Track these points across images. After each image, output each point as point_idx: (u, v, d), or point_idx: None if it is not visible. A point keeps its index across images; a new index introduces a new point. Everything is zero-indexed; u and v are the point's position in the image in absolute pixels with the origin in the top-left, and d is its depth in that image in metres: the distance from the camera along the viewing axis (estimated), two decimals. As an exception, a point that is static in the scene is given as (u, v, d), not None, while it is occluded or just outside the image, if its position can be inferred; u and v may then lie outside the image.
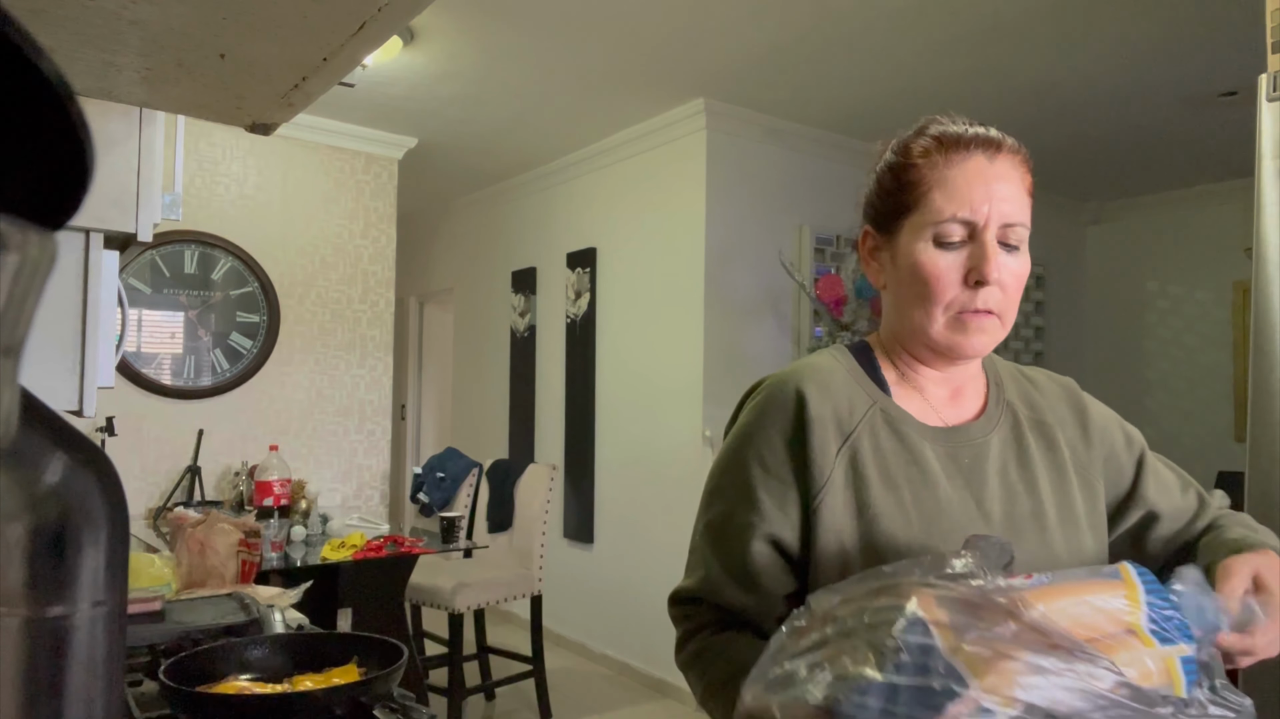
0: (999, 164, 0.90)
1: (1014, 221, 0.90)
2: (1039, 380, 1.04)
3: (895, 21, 3.04)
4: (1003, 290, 0.90)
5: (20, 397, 0.39)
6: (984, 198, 0.89)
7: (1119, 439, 1.01)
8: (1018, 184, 0.91)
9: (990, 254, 0.88)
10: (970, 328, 0.91)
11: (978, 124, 0.93)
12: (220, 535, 2.04)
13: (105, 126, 1.20)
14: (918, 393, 0.98)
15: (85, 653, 0.45)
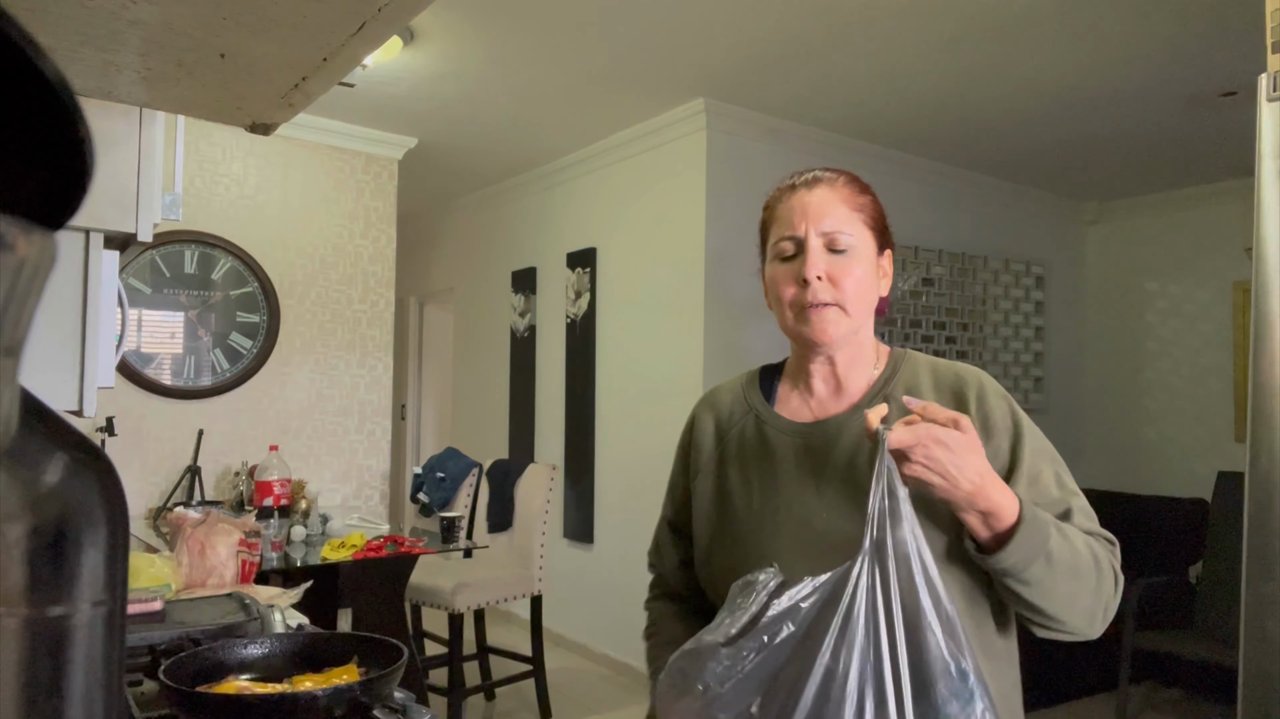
0: (816, 192, 1.12)
1: (832, 230, 1.09)
2: (940, 376, 1.13)
3: (895, 21, 3.04)
4: (833, 284, 1.08)
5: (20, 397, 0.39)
6: (801, 218, 1.11)
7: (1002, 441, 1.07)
8: (836, 203, 1.11)
9: (810, 257, 1.08)
10: (811, 318, 1.08)
11: (814, 170, 1.16)
12: (220, 535, 2.04)
13: (105, 126, 1.20)
14: (804, 393, 1.17)
15: (85, 653, 0.45)
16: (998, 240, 5.13)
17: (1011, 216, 5.22)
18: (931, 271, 4.77)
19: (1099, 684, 4.07)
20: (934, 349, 4.79)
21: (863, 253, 1.10)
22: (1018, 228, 5.25)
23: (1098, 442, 5.52)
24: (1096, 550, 1.03)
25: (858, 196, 1.13)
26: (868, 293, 1.11)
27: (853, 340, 1.13)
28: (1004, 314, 5.14)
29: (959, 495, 0.94)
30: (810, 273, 1.07)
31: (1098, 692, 4.08)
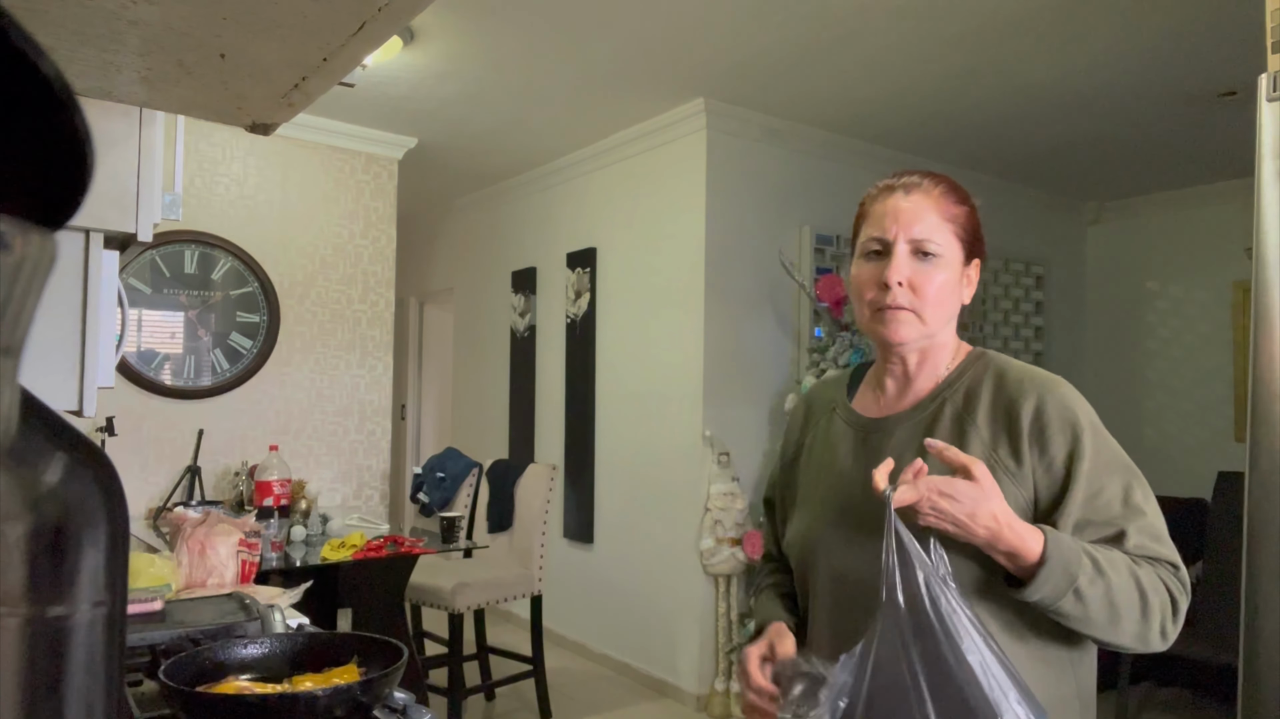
0: (912, 197, 1.13)
1: (921, 237, 1.11)
2: (1004, 384, 1.12)
3: (895, 21, 3.04)
4: (914, 290, 1.11)
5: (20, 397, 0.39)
6: (893, 222, 1.12)
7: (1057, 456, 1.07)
8: (929, 210, 1.12)
9: (894, 262, 1.11)
10: (886, 319, 1.12)
11: (916, 174, 1.16)
12: (220, 535, 2.04)
13: (105, 126, 1.20)
14: (877, 390, 1.22)
15: (85, 653, 0.45)
16: (997, 240, 5.10)
17: (1011, 216, 5.22)
18: (931, 271, 4.77)
19: (1099, 684, 4.07)
20: (934, 349, 4.78)
21: (949, 261, 1.13)
22: (1018, 228, 5.25)
23: (1098, 442, 5.51)
24: (1143, 580, 1.03)
25: (953, 206, 1.14)
26: (948, 300, 1.14)
27: (928, 344, 1.16)
28: (1004, 314, 5.14)
29: (976, 540, 0.98)
30: (893, 277, 1.10)
31: (1098, 691, 4.08)
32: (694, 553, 3.90)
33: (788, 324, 4.22)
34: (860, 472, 1.13)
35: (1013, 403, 1.09)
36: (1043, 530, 1.00)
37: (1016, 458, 1.07)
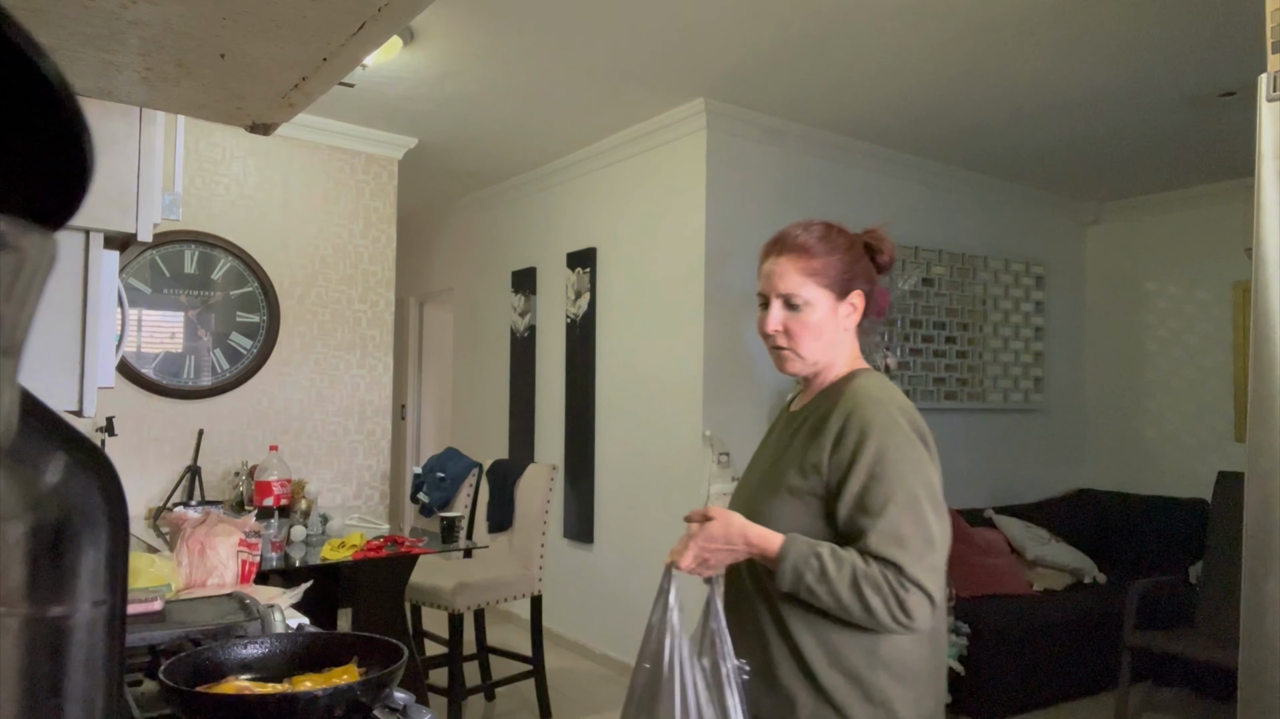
0: (781, 260, 1.42)
1: (788, 293, 1.41)
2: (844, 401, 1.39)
3: (895, 21, 3.04)
4: (789, 335, 1.42)
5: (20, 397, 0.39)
6: (767, 282, 1.44)
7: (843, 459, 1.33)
8: (793, 270, 1.41)
9: (770, 314, 1.43)
10: (775, 357, 1.46)
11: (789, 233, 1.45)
12: (220, 535, 2.04)
13: (105, 126, 1.20)
14: (804, 395, 1.52)
15: (85, 653, 0.45)
16: (998, 240, 5.13)
17: (1011, 216, 5.22)
18: (931, 271, 4.77)
19: (1099, 684, 4.07)
20: (934, 349, 4.79)
21: (817, 307, 1.41)
22: (1018, 228, 5.25)
23: (1098, 442, 5.52)
24: (863, 581, 1.25)
25: (813, 262, 1.40)
26: (823, 335, 1.42)
27: (816, 368, 1.46)
28: (1004, 314, 5.14)
29: (751, 556, 1.34)
30: (768, 328, 1.43)
31: (1098, 691, 4.08)
32: (694, 553, 3.90)
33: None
34: (774, 451, 1.49)
35: (842, 413, 1.36)
36: (786, 538, 1.30)
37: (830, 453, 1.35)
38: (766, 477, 1.44)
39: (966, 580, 4.05)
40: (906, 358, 4.66)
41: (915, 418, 1.37)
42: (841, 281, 1.41)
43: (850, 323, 1.44)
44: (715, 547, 1.33)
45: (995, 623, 3.76)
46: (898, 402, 1.37)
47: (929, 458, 1.36)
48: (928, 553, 1.27)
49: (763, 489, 1.43)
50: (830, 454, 1.34)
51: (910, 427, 1.34)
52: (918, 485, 1.30)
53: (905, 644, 1.32)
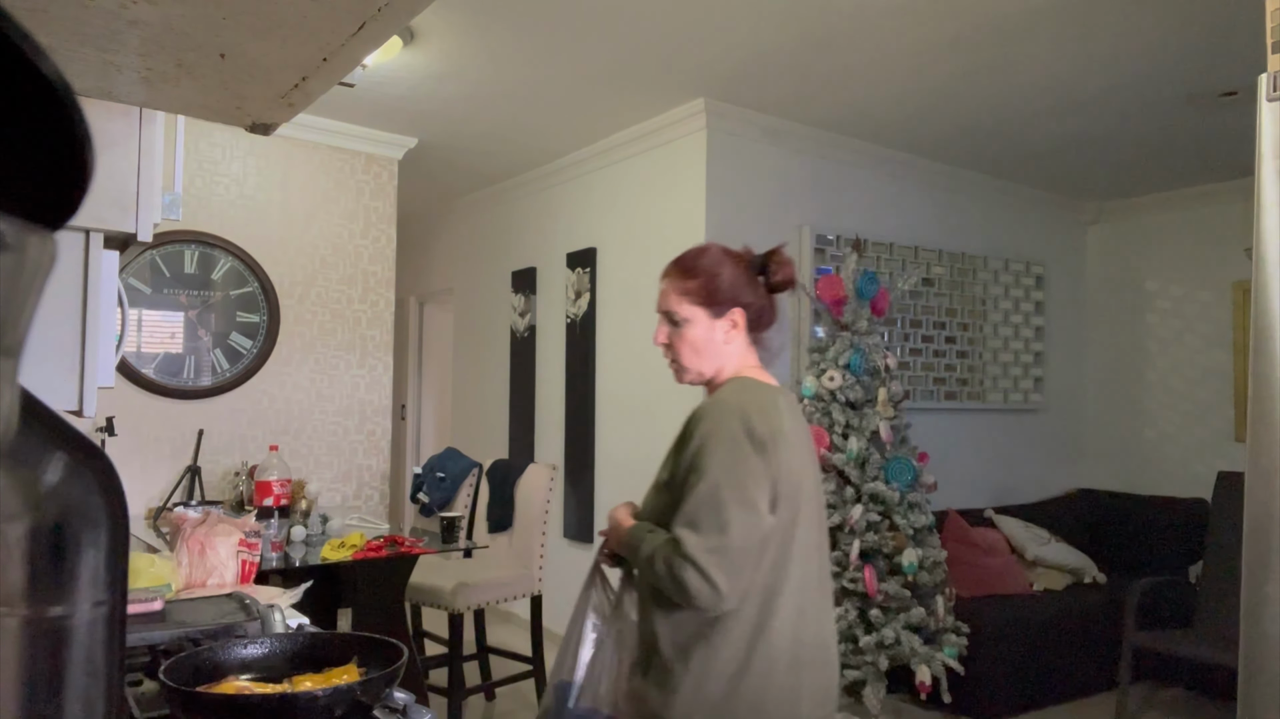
0: (663, 282, 1.60)
1: (668, 310, 1.58)
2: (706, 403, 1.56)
3: (895, 21, 3.04)
4: (672, 347, 1.61)
5: (20, 397, 0.39)
6: (658, 300, 1.61)
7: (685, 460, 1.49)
8: (671, 290, 1.58)
9: (658, 328, 1.62)
10: (670, 367, 1.65)
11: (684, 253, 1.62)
12: (220, 535, 2.04)
13: (105, 126, 1.20)
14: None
15: (85, 653, 0.45)
16: (998, 240, 5.13)
17: (1011, 216, 5.22)
18: (931, 272, 4.77)
19: (1099, 684, 4.07)
20: (934, 349, 4.79)
21: (694, 323, 1.57)
22: (1018, 228, 5.25)
23: (1098, 442, 5.52)
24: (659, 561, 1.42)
25: (686, 283, 1.57)
26: (703, 349, 1.58)
27: (703, 378, 1.63)
28: (1004, 314, 5.14)
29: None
30: (656, 341, 1.63)
31: (1098, 691, 4.08)
32: (694, 553, 3.90)
33: (787, 324, 4.22)
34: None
35: (696, 418, 1.52)
36: (635, 524, 1.55)
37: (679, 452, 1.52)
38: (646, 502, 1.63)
39: (966, 580, 4.05)
40: (906, 358, 4.66)
41: (756, 423, 1.43)
42: (718, 300, 1.55)
43: (732, 337, 1.57)
44: (609, 532, 1.62)
45: (995, 623, 3.76)
46: (744, 408, 1.46)
47: (754, 457, 1.41)
48: (715, 537, 1.37)
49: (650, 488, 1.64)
50: (679, 453, 1.51)
51: (742, 429, 1.43)
52: (724, 478, 1.40)
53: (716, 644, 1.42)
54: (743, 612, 1.41)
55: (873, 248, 4.46)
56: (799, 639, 1.44)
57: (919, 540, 3.53)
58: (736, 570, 1.37)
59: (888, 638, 3.30)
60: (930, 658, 3.39)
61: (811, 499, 1.51)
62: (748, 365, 1.61)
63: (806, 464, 1.51)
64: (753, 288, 1.58)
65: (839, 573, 3.41)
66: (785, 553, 1.44)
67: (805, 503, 1.48)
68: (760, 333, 1.62)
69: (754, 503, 1.39)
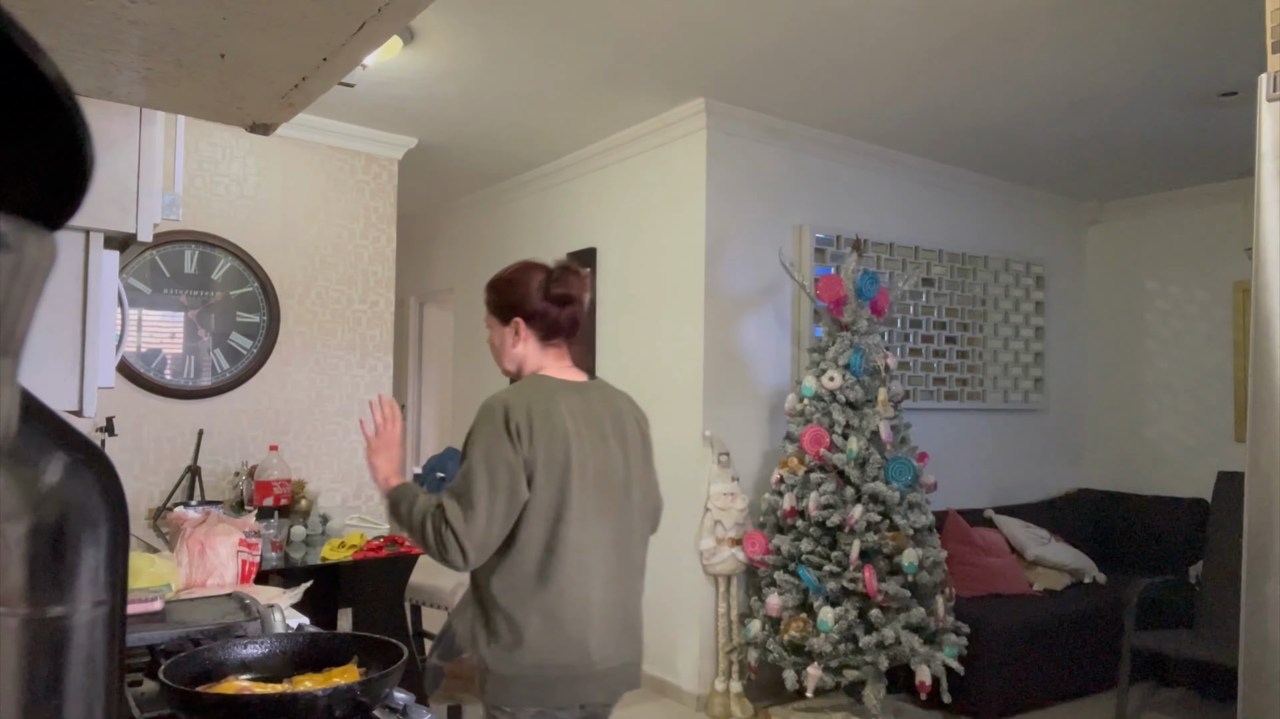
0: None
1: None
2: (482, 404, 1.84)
3: (895, 21, 3.04)
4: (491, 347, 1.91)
5: (20, 397, 0.39)
6: None
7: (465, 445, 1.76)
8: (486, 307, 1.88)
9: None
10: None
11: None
12: (220, 535, 2.04)
13: (105, 126, 1.20)
14: None
15: (85, 653, 0.45)
16: (998, 240, 5.13)
17: (1011, 216, 5.22)
18: (931, 271, 4.77)
19: (1099, 684, 4.07)
20: (934, 349, 4.79)
21: (491, 330, 1.88)
22: (1018, 228, 5.25)
23: (1098, 442, 5.52)
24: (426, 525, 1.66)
25: (486, 296, 1.87)
26: (498, 351, 1.88)
27: (511, 375, 1.87)
28: (1004, 314, 5.14)
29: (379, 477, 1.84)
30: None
31: (1098, 691, 4.08)
32: (694, 553, 3.90)
33: (787, 324, 4.22)
34: None
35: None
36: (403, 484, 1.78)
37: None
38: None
39: (966, 580, 4.05)
40: (906, 358, 4.66)
41: (512, 415, 1.68)
42: (502, 312, 1.84)
43: (518, 341, 1.83)
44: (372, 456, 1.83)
45: (995, 623, 3.76)
46: (507, 403, 1.70)
47: (506, 444, 1.66)
48: (468, 510, 1.63)
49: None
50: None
51: (503, 417, 1.67)
52: (479, 456, 1.66)
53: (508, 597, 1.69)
54: (523, 569, 1.67)
55: (873, 248, 4.45)
56: (586, 598, 1.69)
57: (919, 540, 3.53)
58: (482, 538, 1.63)
59: (888, 638, 3.30)
60: (930, 658, 3.39)
61: (593, 476, 1.73)
62: (545, 365, 1.84)
63: (586, 448, 1.73)
64: (539, 299, 1.80)
65: (839, 573, 3.41)
66: (558, 520, 1.68)
67: (579, 480, 1.70)
68: (557, 338, 1.84)
69: (503, 483, 1.64)
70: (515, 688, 1.65)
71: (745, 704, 3.78)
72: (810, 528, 3.51)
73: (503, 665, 1.65)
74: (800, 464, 3.63)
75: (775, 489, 3.70)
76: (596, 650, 1.68)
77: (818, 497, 3.48)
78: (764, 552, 3.69)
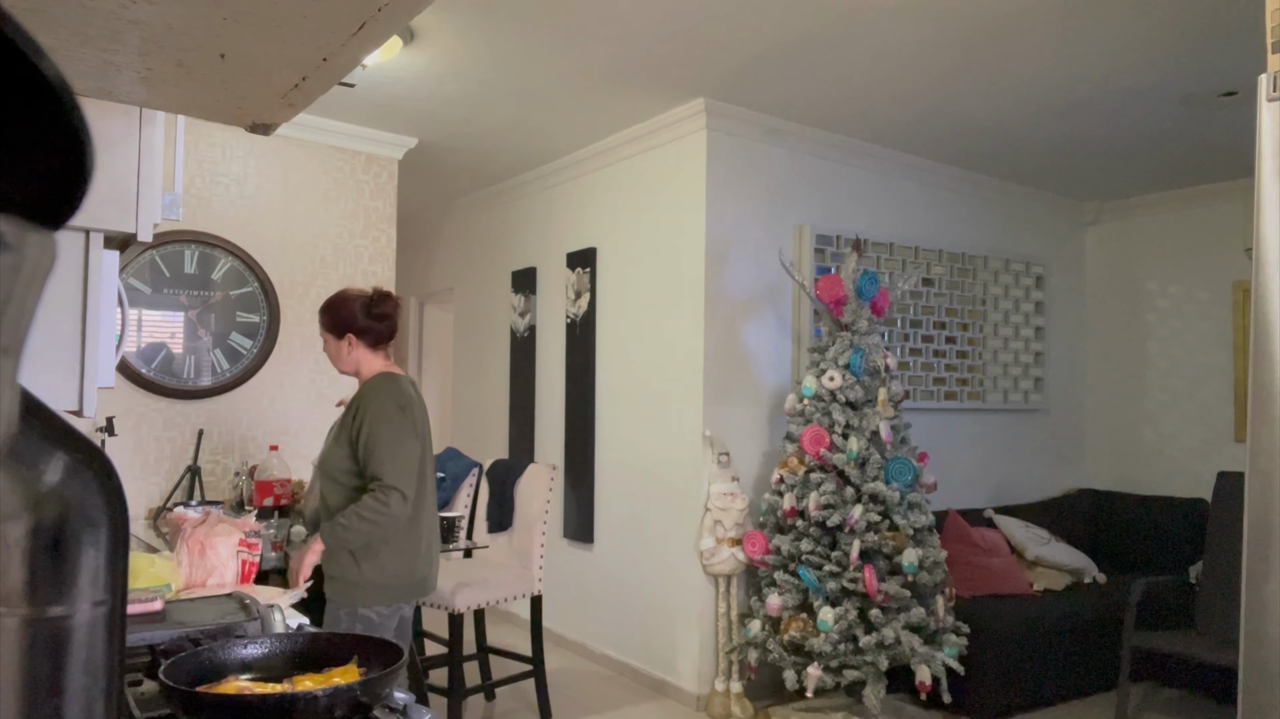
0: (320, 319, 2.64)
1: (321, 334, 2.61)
2: (365, 388, 2.50)
3: (895, 21, 3.04)
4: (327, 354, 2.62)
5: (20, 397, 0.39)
6: None
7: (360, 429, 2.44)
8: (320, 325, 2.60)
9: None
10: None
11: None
12: (220, 535, 2.04)
13: (105, 126, 1.20)
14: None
15: (85, 653, 0.45)
16: (998, 240, 5.13)
17: (1011, 216, 5.22)
18: (931, 271, 4.77)
19: (1099, 684, 4.07)
20: (934, 349, 4.79)
21: (327, 343, 2.58)
22: (1018, 228, 5.25)
23: (1098, 441, 5.52)
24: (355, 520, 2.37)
25: (320, 318, 2.58)
26: (339, 360, 2.57)
27: (349, 376, 2.59)
28: (1004, 314, 5.14)
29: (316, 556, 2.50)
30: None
31: (1098, 691, 4.08)
32: (694, 553, 3.90)
33: (787, 324, 4.22)
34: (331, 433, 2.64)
35: (359, 398, 2.47)
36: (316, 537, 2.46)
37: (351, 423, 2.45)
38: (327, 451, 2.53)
39: (966, 580, 4.05)
40: (906, 358, 4.66)
41: (399, 399, 2.46)
42: (333, 328, 2.54)
43: (354, 350, 2.53)
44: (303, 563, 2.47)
45: (995, 623, 3.76)
46: (390, 391, 2.46)
47: (402, 417, 2.44)
48: (399, 468, 2.38)
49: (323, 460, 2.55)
50: (349, 423, 2.45)
51: (394, 403, 2.44)
52: (390, 432, 2.40)
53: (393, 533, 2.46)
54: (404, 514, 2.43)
55: (873, 248, 4.46)
56: (431, 531, 2.59)
57: (919, 540, 3.53)
58: (411, 485, 2.41)
59: (888, 638, 3.30)
60: (930, 658, 3.39)
61: (430, 444, 2.56)
62: (383, 365, 2.56)
63: (428, 422, 2.57)
64: (363, 317, 2.52)
65: (839, 573, 3.41)
66: (423, 475, 2.50)
67: (428, 446, 2.54)
68: (386, 344, 2.58)
69: (410, 444, 2.43)
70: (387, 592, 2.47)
71: (745, 704, 3.78)
72: (810, 528, 3.51)
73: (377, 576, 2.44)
74: (800, 464, 3.63)
75: (775, 489, 3.71)
76: (423, 568, 2.53)
77: (818, 497, 3.48)
78: (764, 552, 3.69)
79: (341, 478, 2.44)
